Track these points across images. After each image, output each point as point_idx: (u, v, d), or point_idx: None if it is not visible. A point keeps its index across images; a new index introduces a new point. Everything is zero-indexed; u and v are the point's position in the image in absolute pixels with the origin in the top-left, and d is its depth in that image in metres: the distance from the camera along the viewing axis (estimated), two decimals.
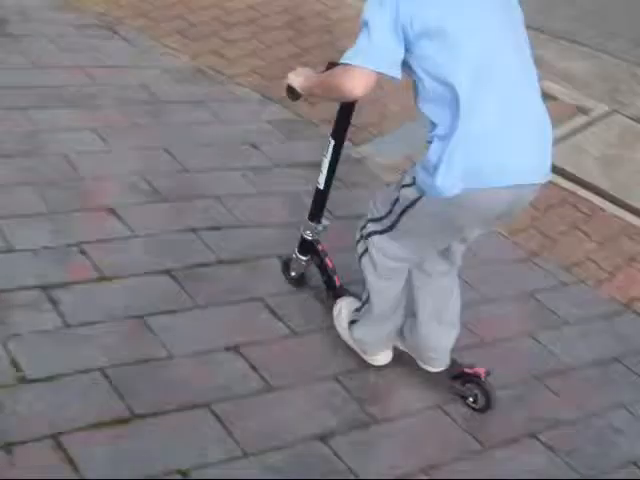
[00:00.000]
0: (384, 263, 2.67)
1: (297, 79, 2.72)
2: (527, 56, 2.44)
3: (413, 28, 2.26)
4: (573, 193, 4.29)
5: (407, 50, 2.31)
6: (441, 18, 2.27)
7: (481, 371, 2.81)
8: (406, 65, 2.35)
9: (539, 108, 2.43)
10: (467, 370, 2.84)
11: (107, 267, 2.98)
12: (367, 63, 2.31)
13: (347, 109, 2.81)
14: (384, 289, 2.74)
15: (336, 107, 2.82)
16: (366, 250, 2.70)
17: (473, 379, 2.82)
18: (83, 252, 3.03)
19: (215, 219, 3.42)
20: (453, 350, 2.84)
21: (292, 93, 2.77)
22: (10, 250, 2.96)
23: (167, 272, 3.04)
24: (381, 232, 2.63)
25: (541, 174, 2.43)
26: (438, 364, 2.86)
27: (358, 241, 2.75)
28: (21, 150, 3.57)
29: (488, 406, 2.82)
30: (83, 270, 2.95)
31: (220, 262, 3.19)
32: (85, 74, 4.34)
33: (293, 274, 3.17)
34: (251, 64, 4.87)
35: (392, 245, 2.62)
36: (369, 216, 2.69)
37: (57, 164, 3.53)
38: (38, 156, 3.56)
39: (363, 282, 2.76)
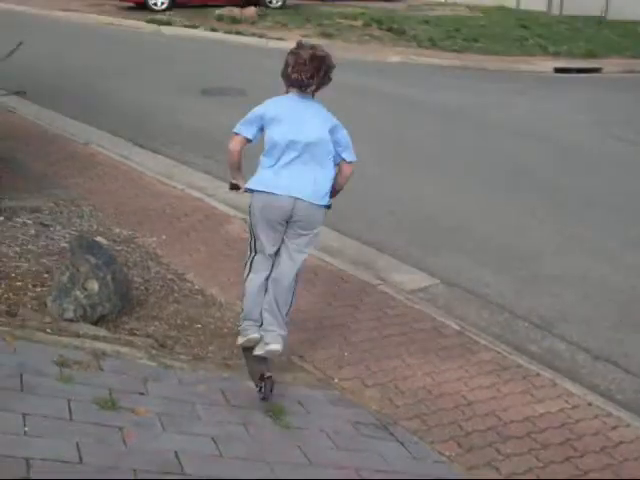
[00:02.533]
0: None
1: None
2: (326, 150, 4.81)
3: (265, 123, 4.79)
4: None
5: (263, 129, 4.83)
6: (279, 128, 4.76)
7: (268, 373, 4.74)
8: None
9: (321, 179, 4.81)
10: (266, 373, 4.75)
11: None
12: (237, 130, 4.82)
13: None
14: (251, 279, 4.95)
15: None
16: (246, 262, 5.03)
17: (264, 377, 4.73)
18: None
19: None
20: None
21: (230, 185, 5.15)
22: None
23: None
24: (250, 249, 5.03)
25: (311, 198, 4.75)
26: (274, 343, 4.84)
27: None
28: None
29: (265, 396, 4.73)
30: None
31: None
32: (357, 475, 4.23)
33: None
34: None
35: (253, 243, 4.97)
36: None
37: None
38: None
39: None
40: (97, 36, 20.71)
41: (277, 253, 4.93)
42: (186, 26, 22.47)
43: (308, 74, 4.68)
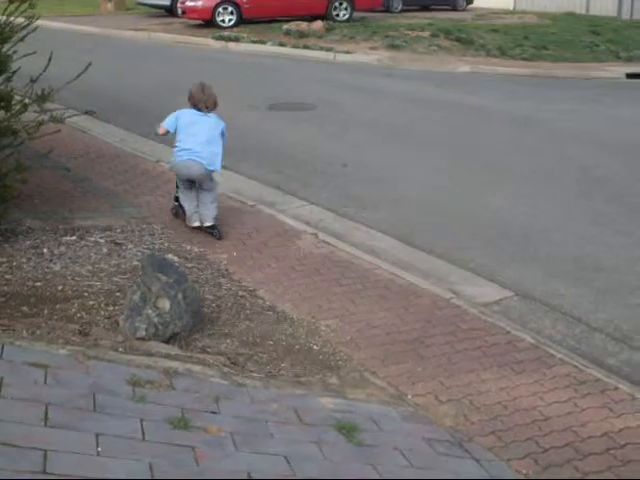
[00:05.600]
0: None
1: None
2: (217, 137, 7.78)
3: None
4: None
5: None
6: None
7: (208, 223, 7.71)
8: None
9: (213, 151, 7.66)
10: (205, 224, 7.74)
11: None
12: (163, 123, 7.80)
13: None
14: (183, 195, 7.80)
15: None
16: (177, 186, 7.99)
17: (213, 230, 7.68)
18: None
19: None
20: None
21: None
22: None
23: None
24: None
25: (204, 164, 7.55)
26: (208, 221, 7.63)
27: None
28: None
29: (219, 236, 7.64)
30: None
31: None
32: None
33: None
34: None
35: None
36: None
37: None
38: None
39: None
40: (165, 54, 21.01)
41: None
42: (254, 42, 22.68)
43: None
